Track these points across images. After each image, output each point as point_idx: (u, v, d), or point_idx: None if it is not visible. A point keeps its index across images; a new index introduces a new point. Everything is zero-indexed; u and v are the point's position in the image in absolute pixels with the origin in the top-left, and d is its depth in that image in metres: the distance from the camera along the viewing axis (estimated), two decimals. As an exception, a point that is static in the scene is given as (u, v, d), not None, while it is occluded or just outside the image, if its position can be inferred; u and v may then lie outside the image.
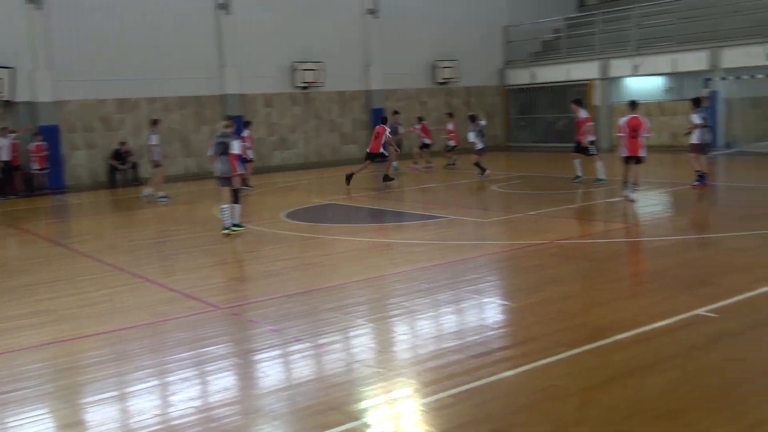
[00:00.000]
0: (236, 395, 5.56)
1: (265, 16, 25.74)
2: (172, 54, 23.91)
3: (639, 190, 14.38)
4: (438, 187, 18.80)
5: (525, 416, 4.83)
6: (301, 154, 27.14)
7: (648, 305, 7.31)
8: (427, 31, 29.41)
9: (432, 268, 9.38)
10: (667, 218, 13.02)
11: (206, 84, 24.82)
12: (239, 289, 9.20)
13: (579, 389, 5.24)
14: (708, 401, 4.91)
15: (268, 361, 6.25)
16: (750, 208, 13.10)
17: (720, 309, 6.92)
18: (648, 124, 14.34)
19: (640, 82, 29.07)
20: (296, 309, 7.81)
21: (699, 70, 25.35)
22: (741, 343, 6.01)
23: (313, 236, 12.31)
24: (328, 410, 5.10)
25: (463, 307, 7.68)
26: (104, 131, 23.09)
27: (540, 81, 30.46)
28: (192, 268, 10.16)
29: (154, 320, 7.59)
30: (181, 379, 5.88)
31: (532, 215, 13.31)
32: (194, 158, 24.60)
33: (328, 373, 5.93)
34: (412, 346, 6.49)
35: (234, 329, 7.28)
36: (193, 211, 16.39)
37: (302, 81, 26.39)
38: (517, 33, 31.60)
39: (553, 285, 8.26)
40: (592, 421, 4.74)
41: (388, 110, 27.79)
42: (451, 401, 5.13)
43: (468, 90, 31.09)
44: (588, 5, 33.95)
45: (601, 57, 28.19)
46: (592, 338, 6.27)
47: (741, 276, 8.15)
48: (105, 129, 23.12)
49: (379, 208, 15.83)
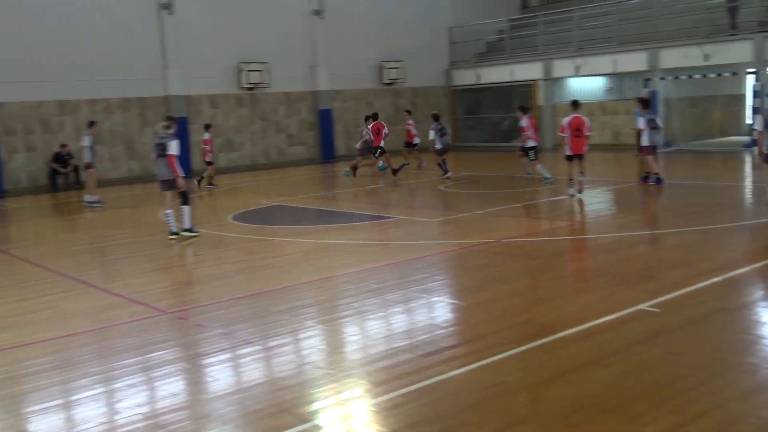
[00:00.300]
0: (185, 400, 5.50)
1: (209, 17, 25.45)
2: (114, 55, 23.45)
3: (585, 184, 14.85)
4: (386, 188, 18.85)
5: (474, 414, 4.89)
6: (247, 156, 26.91)
7: (593, 301, 7.46)
8: (373, 32, 29.46)
9: (381, 269, 9.41)
10: (610, 215, 13.29)
11: (149, 85, 24.42)
12: (186, 293, 9.09)
13: (527, 385, 5.33)
14: (650, 395, 5.03)
15: (217, 365, 6.19)
16: (690, 204, 13.46)
17: (662, 303, 7.10)
18: (589, 123, 14.79)
19: (582, 83, 29.63)
20: (245, 312, 7.75)
21: (639, 70, 25.96)
22: (681, 337, 6.18)
23: (261, 238, 12.23)
24: (278, 413, 5.08)
25: (413, 307, 7.72)
26: (44, 134, 22.54)
27: (485, 81, 30.78)
28: (137, 272, 9.99)
29: (98, 326, 7.45)
30: (127, 386, 5.78)
31: (478, 214, 13.45)
32: (138, 161, 24.19)
33: (278, 375, 5.90)
34: (363, 347, 6.51)
35: (181, 334, 7.19)
36: (137, 215, 16.11)
37: (248, 82, 26.18)
38: (461, 34, 31.89)
39: (500, 283, 8.37)
40: (540, 416, 4.82)
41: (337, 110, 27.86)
42: (402, 401, 5.16)
43: (414, 90, 31.25)
44: (530, 7, 34.44)
45: (544, 58, 28.63)
46: (539, 335, 6.38)
47: (682, 271, 8.37)
48: (45, 131, 22.57)
49: (327, 209, 15.80)
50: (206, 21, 25.37)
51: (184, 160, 24.77)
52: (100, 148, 21.06)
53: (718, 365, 5.49)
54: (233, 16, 25.99)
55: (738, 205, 13.77)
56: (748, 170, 19.37)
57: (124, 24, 23.75)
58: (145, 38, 24.23)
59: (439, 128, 19.30)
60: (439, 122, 19.49)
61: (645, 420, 4.64)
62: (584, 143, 14.70)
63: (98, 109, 23.40)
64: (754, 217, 11.98)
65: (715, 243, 9.91)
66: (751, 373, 5.35)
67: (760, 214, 12.21)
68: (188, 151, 25.00)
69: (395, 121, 26.92)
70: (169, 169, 11.89)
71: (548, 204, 14.65)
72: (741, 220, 11.72)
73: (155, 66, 24.49)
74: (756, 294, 7.53)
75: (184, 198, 12.20)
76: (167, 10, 24.39)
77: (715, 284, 7.75)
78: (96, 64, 23.12)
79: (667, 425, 4.54)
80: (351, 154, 29.02)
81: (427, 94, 31.69)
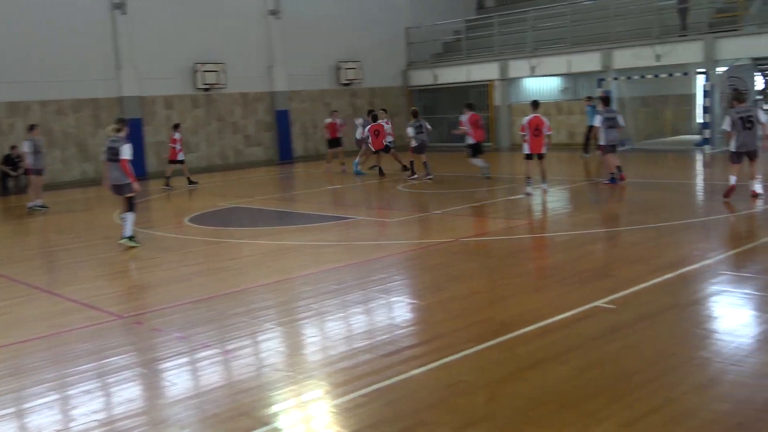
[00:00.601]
0: (142, 406, 5.41)
1: (163, 16, 25.13)
2: (66, 55, 23.02)
3: (546, 185, 15.12)
4: (344, 188, 18.83)
5: (435, 412, 4.91)
6: (203, 157, 26.62)
7: (550, 298, 7.54)
8: (330, 33, 29.40)
9: (340, 269, 9.39)
10: (566, 214, 13.46)
11: (103, 86, 24.02)
12: (142, 297, 8.96)
13: (487, 383, 5.37)
14: (607, 390, 5.11)
15: (175, 369, 6.11)
16: (643, 202, 13.70)
17: (617, 300, 7.22)
18: (548, 123, 15.07)
19: (538, 83, 29.99)
20: (202, 315, 7.67)
21: (592, 70, 26.34)
22: (636, 333, 6.28)
23: (218, 240, 12.12)
24: (237, 416, 5.04)
25: (372, 307, 7.72)
26: (-7, 136, 22.04)
27: (442, 82, 30.94)
28: (91, 277, 9.82)
29: (52, 332, 7.30)
30: (83, 392, 5.68)
31: (437, 214, 13.51)
32: (91, 163, 23.76)
33: (237, 378, 5.85)
34: (322, 348, 6.49)
35: (138, 338, 7.09)
36: (90, 219, 15.82)
37: (203, 82, 25.90)
38: (418, 35, 32.00)
39: (458, 282, 8.42)
40: (499, 414, 4.86)
41: (294, 111, 27.76)
42: (362, 401, 5.15)
43: (372, 91, 31.27)
44: (486, 8, 34.71)
45: (499, 58, 28.88)
46: (498, 333, 6.43)
47: (636, 268, 8.52)
48: (-6, 134, 22.07)
49: (285, 210, 15.72)
50: (160, 21, 25.05)
51: (138, 162, 24.58)
52: (48, 151, 20.65)
53: (672, 360, 5.60)
54: (188, 16, 25.71)
55: (691, 202, 14.06)
56: (700, 168, 19.80)
57: (77, 24, 23.32)
58: (98, 38, 23.82)
59: (417, 125, 18.62)
60: (417, 119, 18.81)
61: (602, 414, 4.71)
62: (543, 142, 14.99)
63: (50, 111, 22.95)
64: (706, 214, 12.25)
65: (669, 240, 10.10)
66: (703, 367, 5.47)
67: (711, 210, 12.49)
68: (143, 152, 24.70)
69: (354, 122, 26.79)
70: (121, 174, 11.43)
71: (505, 203, 14.78)
72: (693, 217, 11.97)
73: (108, 66, 24.09)
74: (707, 290, 7.70)
75: (130, 204, 11.62)
76: (120, 9, 24.00)
77: (669, 280, 7.91)
78: (47, 64, 22.66)
79: (624, 419, 4.62)
80: (307, 154, 28.97)
81: (385, 95, 31.73)
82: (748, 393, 4.93)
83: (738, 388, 5.02)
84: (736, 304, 7.16)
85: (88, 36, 23.58)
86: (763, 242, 9.87)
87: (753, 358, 5.57)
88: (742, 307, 7.09)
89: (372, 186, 18.87)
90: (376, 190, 18.24)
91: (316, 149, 28.80)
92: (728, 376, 5.24)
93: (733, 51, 22.88)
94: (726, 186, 12.83)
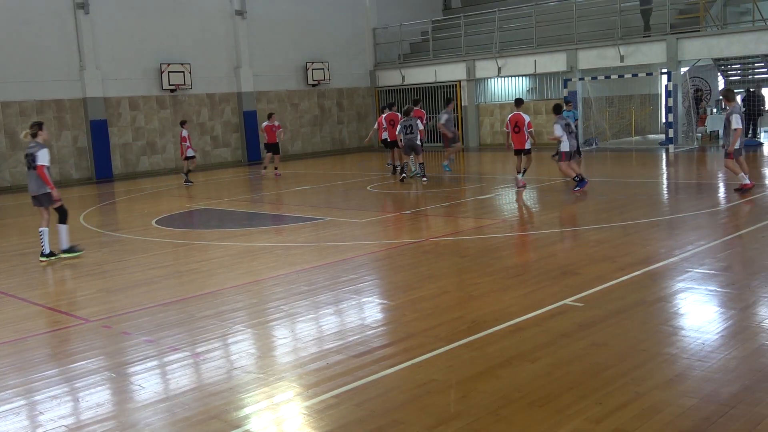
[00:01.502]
0: (111, 410, 5.35)
1: (127, 17, 24.86)
2: (27, 56, 22.68)
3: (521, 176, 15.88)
4: (313, 189, 18.78)
5: (406, 412, 4.92)
6: (170, 159, 26.37)
7: (520, 297, 7.60)
8: (297, 33, 29.34)
9: (310, 270, 9.37)
10: (534, 213, 13.57)
11: (66, 87, 23.70)
12: (109, 300, 8.83)
13: (458, 382, 5.39)
14: (576, 386, 5.16)
15: (144, 373, 6.04)
16: (610, 201, 13.86)
17: (585, 298, 7.30)
18: (528, 120, 15.89)
19: (505, 83, 30.20)
20: (171, 318, 7.60)
21: (558, 71, 26.61)
22: (605, 330, 6.35)
23: (186, 243, 12.01)
24: (208, 419, 5.00)
25: (343, 308, 7.72)
26: (-46, 138, 21.62)
27: (410, 82, 31.01)
28: (57, 280, 9.68)
29: (17, 337, 7.18)
30: (50, 397, 5.59)
31: (406, 214, 13.54)
32: (55, 165, 23.38)
33: (207, 381, 5.80)
34: (293, 349, 6.46)
35: (106, 342, 7.00)
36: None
37: (169, 83, 25.67)
38: (385, 35, 32.06)
39: (429, 281, 8.44)
40: (470, 412, 4.88)
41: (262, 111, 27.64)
42: (334, 402, 5.15)
43: (340, 91, 31.25)
44: (452, 8, 34.87)
45: (466, 59, 29.03)
46: (469, 331, 6.46)
47: (603, 266, 8.62)
48: (-45, 136, 21.65)
49: (254, 211, 15.64)
50: (124, 21, 24.78)
51: (105, 164, 24.33)
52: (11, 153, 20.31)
53: (640, 356, 5.67)
54: (152, 15, 25.46)
55: (656, 200, 14.26)
56: (665, 167, 20.08)
57: (38, 24, 22.97)
58: (61, 38, 23.50)
59: (407, 125, 17.85)
60: (408, 118, 18.05)
61: (572, 411, 4.76)
62: (524, 139, 15.74)
63: (12, 113, 22.58)
64: (672, 212, 12.43)
65: (635, 238, 10.23)
66: (670, 363, 5.54)
67: (676, 209, 12.68)
68: (108, 154, 24.42)
69: (321, 123, 26.75)
70: (39, 183, 10.59)
71: (475, 202, 14.86)
72: (659, 215, 12.13)
73: (72, 67, 23.78)
74: (674, 287, 7.81)
75: (62, 215, 10.85)
76: (83, 9, 23.68)
77: (635, 278, 8.02)
78: (8, 65, 22.31)
79: (594, 415, 4.67)
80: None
81: (353, 95, 31.74)
82: (713, 388, 5.02)
83: (704, 383, 5.11)
84: (702, 300, 7.27)
85: (50, 36, 23.26)
86: (726, 239, 10.06)
87: (718, 353, 5.67)
88: (707, 303, 7.20)
89: (342, 187, 18.84)
90: (347, 190, 18.21)
91: (284, 149, 28.67)
92: (694, 371, 5.33)
93: (695, 52, 23.30)
94: (741, 184, 13.50)
